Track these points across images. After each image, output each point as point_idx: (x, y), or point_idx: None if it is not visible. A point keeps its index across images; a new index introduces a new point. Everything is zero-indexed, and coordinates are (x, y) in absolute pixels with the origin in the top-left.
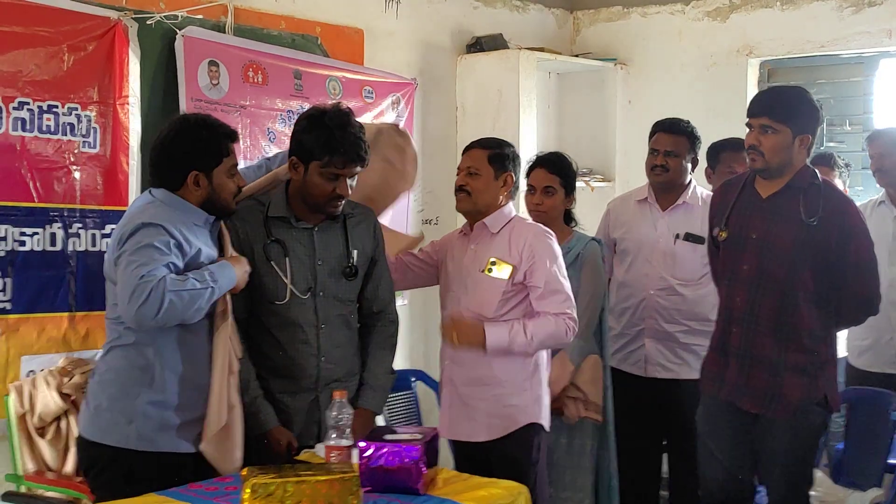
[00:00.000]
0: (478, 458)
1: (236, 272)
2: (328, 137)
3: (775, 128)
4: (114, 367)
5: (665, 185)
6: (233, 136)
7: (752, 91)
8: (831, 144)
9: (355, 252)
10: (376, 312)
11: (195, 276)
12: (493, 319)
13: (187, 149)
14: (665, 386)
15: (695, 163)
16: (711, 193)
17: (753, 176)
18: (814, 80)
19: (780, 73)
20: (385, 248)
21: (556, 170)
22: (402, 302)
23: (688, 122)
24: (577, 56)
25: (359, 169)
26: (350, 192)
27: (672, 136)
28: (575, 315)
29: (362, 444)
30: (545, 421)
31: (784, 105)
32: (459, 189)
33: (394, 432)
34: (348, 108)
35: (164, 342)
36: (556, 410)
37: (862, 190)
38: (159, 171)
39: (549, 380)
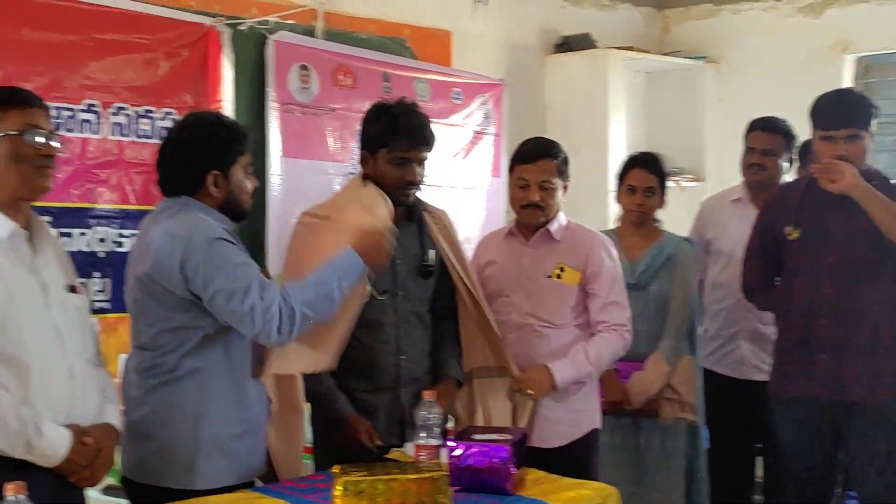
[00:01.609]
0: (542, 463)
1: (360, 253)
2: (392, 122)
3: (860, 135)
4: (169, 405)
5: (761, 183)
6: (246, 132)
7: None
8: None
9: (431, 252)
10: (447, 307)
11: (317, 277)
12: (562, 326)
13: (205, 148)
14: (761, 388)
15: (791, 162)
16: None
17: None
18: None
19: (877, 69)
20: None
21: (656, 170)
22: None
23: (784, 121)
24: (666, 54)
25: (426, 154)
26: (421, 179)
27: (769, 135)
28: (631, 327)
29: (451, 443)
30: (600, 424)
31: (861, 111)
32: (534, 206)
33: (482, 433)
34: (413, 100)
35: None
36: (652, 412)
37: None
38: (175, 174)
39: (644, 381)
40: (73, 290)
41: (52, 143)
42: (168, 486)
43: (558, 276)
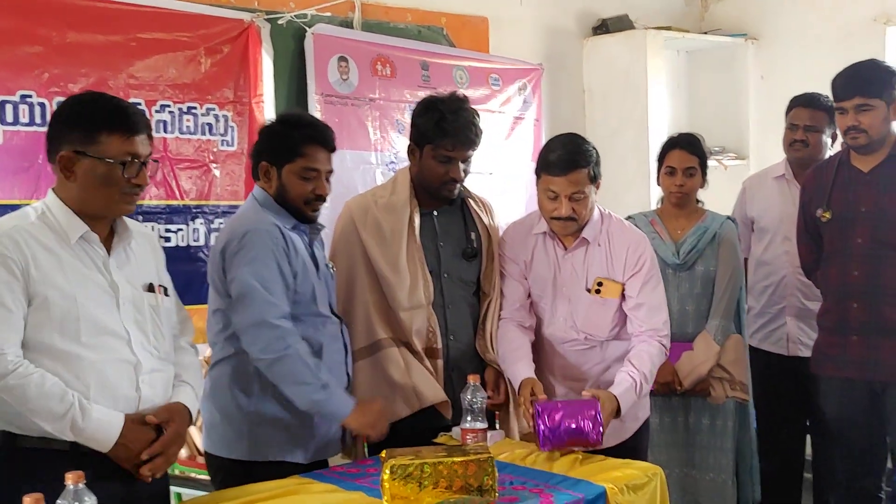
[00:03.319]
0: None
1: (351, 420)
2: (440, 120)
3: (871, 104)
4: (219, 384)
5: (804, 160)
6: (317, 139)
7: (893, 61)
8: None
9: (473, 234)
10: (483, 294)
11: (315, 378)
12: (609, 340)
13: (263, 139)
14: (808, 365)
15: (834, 137)
16: None
17: (847, 155)
18: None
19: None
20: None
21: (696, 151)
22: None
23: (827, 97)
24: (705, 33)
25: (470, 153)
26: (464, 175)
27: (811, 111)
28: (668, 332)
29: (538, 406)
30: (650, 411)
31: (871, 80)
32: (566, 219)
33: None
34: (464, 95)
35: None
36: (703, 391)
37: None
38: (251, 159)
39: (694, 362)
40: (151, 289)
41: (145, 173)
42: (220, 455)
43: (598, 291)
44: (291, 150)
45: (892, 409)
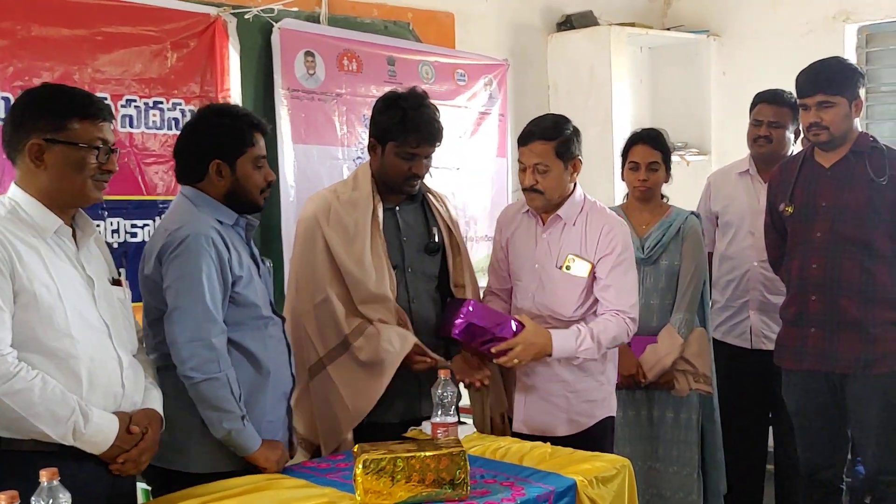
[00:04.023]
0: None
1: (257, 455)
2: (402, 117)
3: (832, 101)
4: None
5: (768, 156)
6: (259, 126)
7: (851, 58)
8: None
9: (434, 229)
10: (460, 286)
11: (237, 408)
12: (571, 319)
13: (209, 137)
14: (770, 358)
15: (797, 134)
16: None
17: (811, 151)
18: None
19: (879, 38)
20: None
21: (659, 146)
22: None
23: (790, 93)
24: (668, 29)
25: (433, 149)
26: (427, 171)
27: (775, 107)
28: (635, 315)
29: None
30: (615, 411)
31: (833, 77)
32: (530, 189)
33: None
34: (424, 91)
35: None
36: (667, 384)
37: None
38: (182, 162)
39: (658, 354)
40: (116, 282)
41: (114, 159)
42: (163, 466)
43: (568, 268)
44: (243, 141)
45: (852, 401)
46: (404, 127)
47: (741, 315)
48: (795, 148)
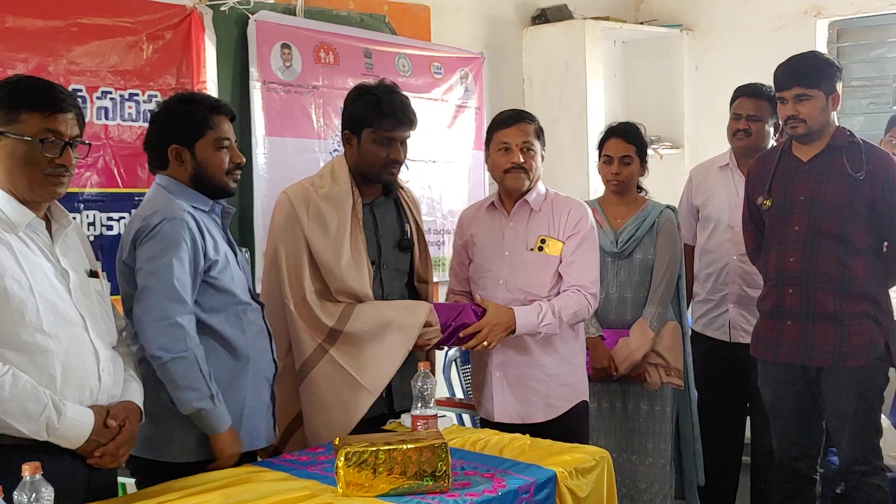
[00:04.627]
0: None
1: (223, 437)
2: (377, 102)
3: (809, 94)
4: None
5: (748, 149)
6: (219, 109)
7: (823, 52)
8: None
9: (407, 226)
10: (423, 282)
11: (206, 386)
12: (549, 299)
13: (166, 124)
14: (748, 350)
15: (777, 127)
16: None
17: (789, 145)
18: (884, 38)
19: (850, 33)
20: None
21: (633, 139)
22: None
23: (770, 87)
24: (642, 23)
25: (409, 134)
26: (405, 157)
27: (755, 101)
28: (596, 291)
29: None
30: (588, 395)
31: (810, 71)
32: (518, 168)
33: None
34: (393, 82)
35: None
36: (639, 377)
37: None
38: (148, 151)
39: (629, 348)
40: (93, 274)
41: (69, 153)
42: (145, 457)
43: (540, 249)
44: (200, 125)
45: (827, 393)
46: (380, 111)
47: (720, 308)
48: (775, 140)
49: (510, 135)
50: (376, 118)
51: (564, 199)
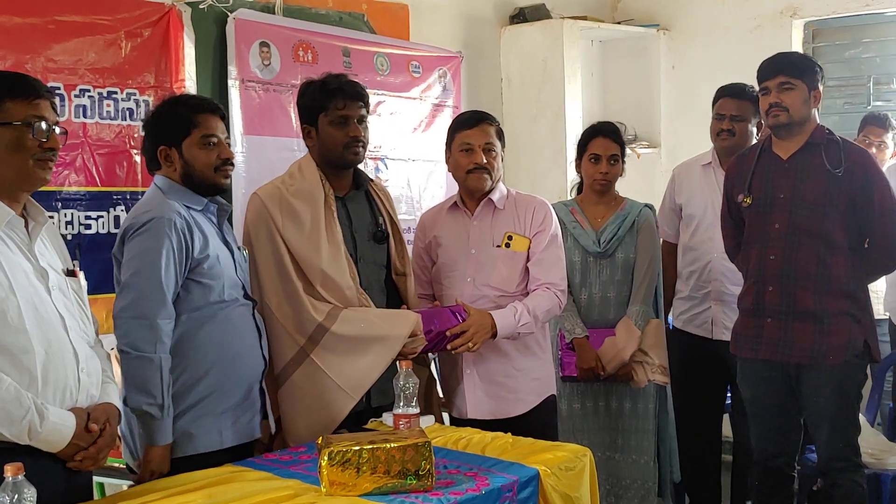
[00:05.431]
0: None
1: (156, 451)
2: (322, 86)
3: (793, 83)
4: None
5: (731, 149)
6: (205, 107)
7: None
8: (878, 103)
9: (381, 219)
10: (401, 274)
11: (161, 395)
12: (515, 294)
13: (154, 126)
14: (728, 348)
15: (759, 127)
16: None
17: (769, 142)
18: (859, 39)
19: (825, 33)
20: None
21: (618, 139)
22: None
23: (752, 87)
24: (619, 23)
25: (363, 111)
26: (365, 137)
27: (738, 101)
28: (564, 288)
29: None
30: (555, 389)
31: (794, 62)
32: (481, 168)
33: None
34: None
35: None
36: (625, 376)
37: None
38: (143, 155)
39: (616, 347)
40: (71, 273)
41: (56, 135)
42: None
43: (507, 245)
44: (185, 124)
45: (806, 390)
46: (328, 92)
47: (703, 305)
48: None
49: (472, 136)
50: (326, 99)
51: (527, 197)
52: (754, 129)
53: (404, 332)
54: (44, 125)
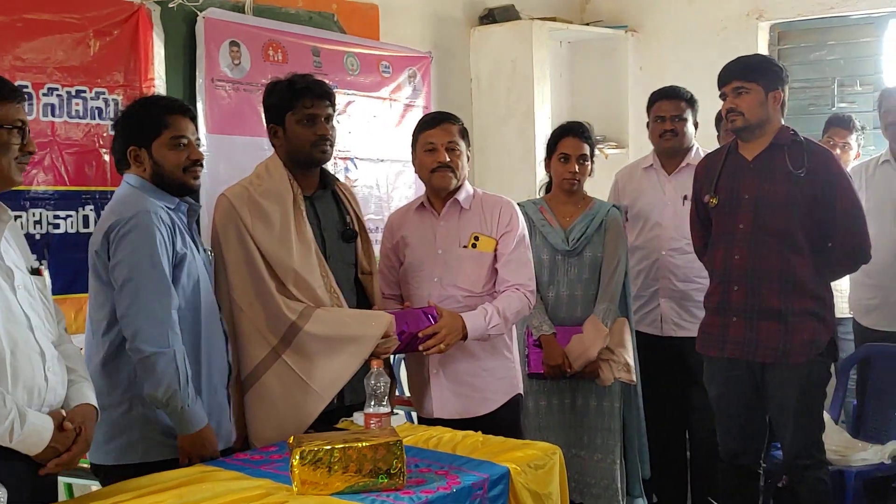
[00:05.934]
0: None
1: (201, 434)
2: (289, 85)
3: (747, 87)
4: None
5: (675, 149)
6: (175, 108)
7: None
8: (843, 105)
9: (348, 218)
10: (367, 273)
11: (177, 381)
12: (482, 294)
13: (124, 126)
14: (680, 344)
15: (696, 126)
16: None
17: (735, 144)
18: (824, 41)
19: (791, 35)
20: None
21: (587, 139)
22: None
23: (685, 89)
24: (588, 24)
25: (330, 110)
26: (332, 135)
27: (674, 102)
28: (533, 288)
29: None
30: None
31: (749, 67)
32: (445, 167)
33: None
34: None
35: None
36: (591, 374)
37: (874, 150)
38: (113, 155)
39: (583, 344)
40: (36, 272)
41: (32, 140)
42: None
43: (474, 246)
44: (155, 125)
45: (772, 388)
46: (295, 91)
47: (652, 303)
48: (707, 142)
49: (435, 135)
50: (294, 98)
51: (494, 197)
52: (693, 129)
53: (377, 333)
54: (25, 130)
